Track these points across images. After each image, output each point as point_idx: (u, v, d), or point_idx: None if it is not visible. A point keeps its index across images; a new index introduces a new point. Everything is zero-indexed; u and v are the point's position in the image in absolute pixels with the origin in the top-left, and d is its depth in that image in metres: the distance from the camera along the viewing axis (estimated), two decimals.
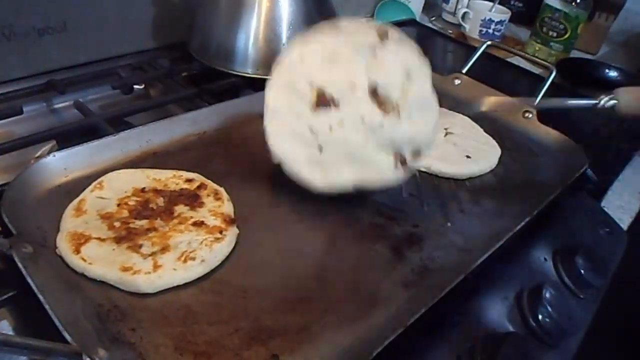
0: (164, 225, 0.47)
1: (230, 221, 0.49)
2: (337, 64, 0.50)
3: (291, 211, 0.53)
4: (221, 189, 0.53)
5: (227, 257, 0.46)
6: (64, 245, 0.44)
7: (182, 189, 0.52)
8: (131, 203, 0.49)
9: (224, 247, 0.46)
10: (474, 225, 0.56)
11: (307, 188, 0.53)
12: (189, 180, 0.53)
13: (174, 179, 0.53)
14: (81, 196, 0.49)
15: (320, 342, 0.40)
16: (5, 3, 0.67)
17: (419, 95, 0.51)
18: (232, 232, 0.48)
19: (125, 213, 0.48)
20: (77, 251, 0.43)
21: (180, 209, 0.50)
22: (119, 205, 0.49)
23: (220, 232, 0.47)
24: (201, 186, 0.53)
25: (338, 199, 0.55)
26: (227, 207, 0.51)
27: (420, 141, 0.52)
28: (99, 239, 0.45)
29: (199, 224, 0.48)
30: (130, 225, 0.47)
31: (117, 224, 0.47)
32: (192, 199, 0.51)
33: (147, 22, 0.84)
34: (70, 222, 0.46)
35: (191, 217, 0.48)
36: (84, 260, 0.42)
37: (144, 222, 0.47)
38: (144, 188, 0.51)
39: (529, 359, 0.47)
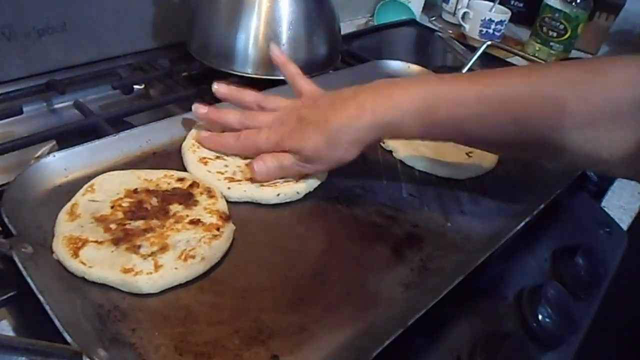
0: (160, 225, 0.47)
1: (225, 218, 0.49)
2: None
3: (291, 211, 0.53)
4: (213, 187, 0.53)
5: (227, 257, 0.46)
6: (61, 250, 0.43)
7: (174, 188, 0.52)
8: (125, 204, 0.49)
9: (222, 243, 0.46)
10: (474, 225, 0.56)
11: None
12: (180, 180, 0.53)
13: (165, 178, 0.53)
14: (73, 200, 0.49)
15: (320, 342, 0.40)
16: (5, 3, 0.67)
17: None
18: (228, 228, 0.48)
19: (119, 215, 0.48)
20: (76, 255, 0.42)
21: (175, 207, 0.49)
22: (112, 207, 0.48)
23: (217, 229, 0.47)
24: (193, 184, 0.52)
25: (338, 199, 0.55)
26: (221, 204, 0.51)
27: None
28: (96, 242, 0.44)
29: (195, 222, 0.47)
30: (127, 226, 0.46)
31: (112, 226, 0.46)
32: (186, 197, 0.51)
33: (147, 22, 0.84)
34: (65, 226, 0.46)
35: (187, 216, 0.48)
36: (84, 263, 0.42)
37: (139, 223, 0.47)
38: (136, 189, 0.51)
39: (528, 359, 0.47)
